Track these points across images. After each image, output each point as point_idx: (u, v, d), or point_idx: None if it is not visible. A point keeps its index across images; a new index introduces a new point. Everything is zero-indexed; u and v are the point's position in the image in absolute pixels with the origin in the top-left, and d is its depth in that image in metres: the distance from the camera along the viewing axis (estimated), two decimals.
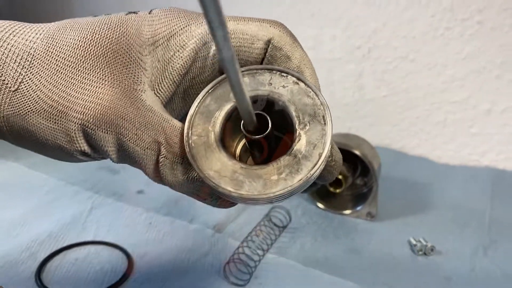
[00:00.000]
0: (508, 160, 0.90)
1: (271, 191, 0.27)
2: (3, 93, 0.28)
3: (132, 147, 0.29)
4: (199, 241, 0.63)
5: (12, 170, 0.82)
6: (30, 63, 0.29)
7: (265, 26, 0.32)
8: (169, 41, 0.31)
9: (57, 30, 0.30)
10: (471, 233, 0.70)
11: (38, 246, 0.60)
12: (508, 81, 0.85)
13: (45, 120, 0.29)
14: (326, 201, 0.75)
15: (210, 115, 0.30)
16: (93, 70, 0.29)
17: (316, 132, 0.29)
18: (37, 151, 0.32)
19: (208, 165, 0.28)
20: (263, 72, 0.31)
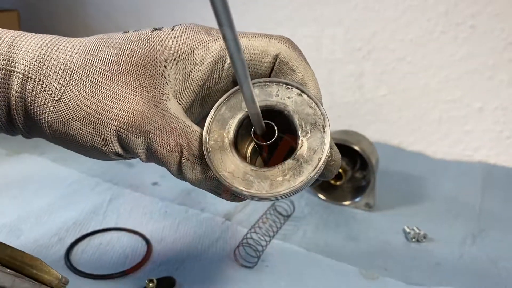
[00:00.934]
0: (499, 155, 0.93)
1: (277, 190, 0.31)
2: (47, 101, 0.33)
3: (159, 149, 0.33)
4: (210, 228, 0.68)
5: (37, 164, 0.86)
6: (71, 76, 0.33)
7: (274, 42, 0.35)
8: (190, 55, 0.34)
9: (92, 46, 0.34)
10: (462, 223, 0.73)
11: (65, 232, 0.65)
12: (499, 81, 0.89)
13: (84, 126, 0.33)
14: (327, 192, 0.79)
15: (225, 122, 0.33)
16: (125, 82, 0.33)
17: (316, 139, 0.32)
18: (76, 151, 0.36)
19: (223, 166, 0.32)
20: (271, 84, 0.34)
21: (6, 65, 0.32)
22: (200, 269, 0.59)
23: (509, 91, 0.89)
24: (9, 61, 0.32)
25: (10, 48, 0.33)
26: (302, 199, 0.78)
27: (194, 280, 0.57)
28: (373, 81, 0.99)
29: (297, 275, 0.59)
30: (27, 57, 0.33)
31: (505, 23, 0.84)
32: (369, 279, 0.59)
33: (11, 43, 0.33)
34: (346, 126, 0.99)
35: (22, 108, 0.33)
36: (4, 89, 0.33)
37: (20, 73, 0.32)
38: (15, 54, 0.33)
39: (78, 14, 1.34)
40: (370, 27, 0.95)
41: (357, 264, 0.62)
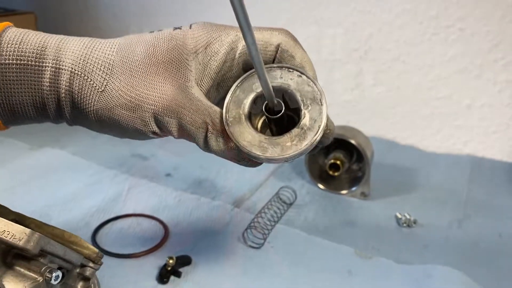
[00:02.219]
0: (486, 149, 0.98)
1: (287, 153, 0.38)
2: (93, 93, 0.39)
3: (189, 127, 0.39)
4: (221, 214, 0.74)
5: (59, 157, 0.92)
6: (111, 71, 0.39)
7: (275, 33, 0.41)
8: (206, 49, 0.41)
9: (126, 45, 0.40)
10: (449, 210, 0.78)
11: (90, 217, 0.71)
12: (486, 80, 0.93)
13: (126, 111, 0.39)
14: (326, 182, 0.84)
15: (240, 102, 0.40)
16: (156, 73, 0.39)
17: (316, 111, 0.39)
18: (116, 133, 0.42)
19: (242, 137, 0.39)
20: (275, 69, 0.41)
21: (55, 64, 0.38)
22: (213, 249, 0.65)
23: (495, 89, 0.93)
24: (58, 61, 0.38)
25: (57, 50, 0.39)
26: (303, 189, 0.83)
27: (208, 258, 0.63)
28: (370, 80, 1.04)
29: (299, 255, 0.65)
30: (72, 57, 0.39)
31: (490, 26, 0.88)
32: (363, 258, 0.65)
33: (57, 46, 0.39)
34: (344, 122, 1.04)
35: (70, 100, 0.39)
36: (55, 85, 0.39)
37: (67, 70, 0.38)
38: (62, 55, 0.39)
39: (89, 16, 1.39)
40: (366, 29, 1.00)
41: (353, 246, 0.67)
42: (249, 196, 0.80)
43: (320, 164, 0.86)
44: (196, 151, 0.95)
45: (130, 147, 0.97)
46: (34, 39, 0.39)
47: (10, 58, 0.38)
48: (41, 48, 0.39)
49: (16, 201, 0.75)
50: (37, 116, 0.41)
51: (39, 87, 0.39)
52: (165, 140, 1.00)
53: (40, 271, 0.38)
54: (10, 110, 0.40)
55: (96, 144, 0.98)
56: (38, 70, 0.38)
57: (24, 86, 0.39)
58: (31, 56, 0.38)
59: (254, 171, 0.89)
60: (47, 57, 0.38)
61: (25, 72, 0.38)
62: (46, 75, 0.38)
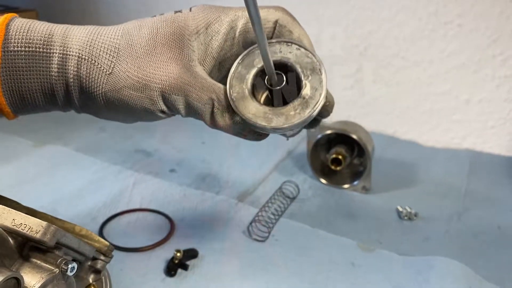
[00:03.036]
0: (485, 143, 0.99)
1: (291, 121, 0.39)
2: (101, 76, 0.40)
3: (195, 104, 0.41)
4: (225, 209, 0.75)
5: (62, 154, 0.92)
6: (117, 54, 0.40)
7: (272, 10, 0.43)
8: (207, 29, 0.42)
9: (130, 29, 0.41)
10: (449, 203, 0.79)
11: (96, 212, 0.72)
12: (484, 75, 0.94)
13: (134, 91, 0.40)
14: (328, 177, 0.85)
15: (243, 78, 0.41)
16: (161, 54, 0.40)
17: (316, 80, 0.40)
18: (125, 115, 0.43)
19: (247, 110, 0.40)
20: (274, 43, 0.42)
21: (62, 50, 0.39)
22: (219, 242, 0.66)
23: (493, 85, 0.94)
24: (65, 47, 0.40)
25: (64, 37, 0.40)
26: (306, 184, 0.84)
27: (214, 251, 0.64)
28: (370, 76, 1.05)
29: (303, 248, 0.66)
30: (79, 42, 0.40)
31: (489, 22, 0.90)
32: (366, 251, 0.66)
33: (63, 33, 0.40)
34: (345, 117, 1.04)
35: (78, 85, 0.40)
36: (63, 70, 0.40)
37: (75, 56, 0.40)
38: (69, 42, 0.40)
39: (91, 12, 1.40)
40: (366, 25, 1.01)
41: (355, 238, 0.68)
42: (252, 191, 0.81)
43: (322, 159, 0.87)
44: (199, 146, 0.98)
45: (133, 143, 0.98)
46: (40, 28, 0.40)
47: (19, 46, 0.39)
48: (48, 35, 0.40)
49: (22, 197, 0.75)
50: (46, 103, 0.42)
51: (47, 73, 0.40)
52: (168, 135, 1.02)
53: (56, 262, 0.39)
54: (19, 97, 0.41)
55: (100, 141, 0.99)
56: (46, 56, 0.39)
57: (33, 72, 0.40)
58: (39, 43, 0.39)
59: (257, 166, 0.90)
60: (54, 44, 0.39)
61: (33, 59, 0.39)
62: (54, 61, 0.39)
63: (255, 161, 0.92)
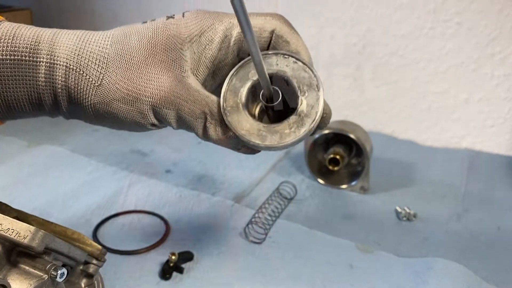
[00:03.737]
0: (483, 142, 0.98)
1: (286, 140, 0.38)
2: (89, 87, 0.38)
3: (187, 117, 0.39)
4: (221, 210, 0.74)
5: (58, 154, 0.91)
6: (107, 64, 0.38)
7: (269, 19, 0.41)
8: (201, 37, 0.40)
9: (120, 37, 0.40)
10: (448, 203, 0.78)
11: (90, 214, 0.71)
12: (483, 74, 0.93)
13: (124, 104, 0.39)
14: (326, 177, 0.84)
15: (237, 91, 0.40)
16: (152, 65, 0.39)
17: (313, 97, 0.39)
18: (114, 126, 0.42)
19: (240, 126, 0.39)
20: (271, 55, 0.41)
21: (50, 58, 0.38)
22: (215, 245, 0.65)
23: (492, 83, 0.93)
24: (52, 56, 0.38)
25: (51, 44, 0.38)
26: (303, 184, 0.83)
27: (210, 254, 0.63)
28: (368, 74, 1.04)
29: (301, 249, 0.65)
30: (66, 51, 0.38)
31: (487, 20, 0.89)
32: (364, 252, 0.65)
33: (51, 40, 0.38)
34: (342, 116, 1.04)
35: (66, 95, 0.39)
36: (50, 80, 0.38)
37: (62, 65, 0.38)
38: (56, 50, 0.38)
39: (86, 12, 1.39)
40: (364, 23, 1.00)
41: (354, 240, 0.67)
42: (249, 192, 0.80)
43: (320, 159, 0.86)
44: (195, 146, 0.97)
45: (129, 143, 0.97)
46: (27, 34, 0.38)
47: (4, 54, 0.37)
48: (34, 42, 0.38)
49: (16, 198, 0.76)
50: (33, 110, 0.41)
51: (34, 82, 0.38)
52: (164, 136, 1.01)
53: (45, 268, 0.38)
54: (5, 105, 0.39)
55: (95, 141, 0.98)
56: (32, 65, 0.38)
57: (19, 81, 0.38)
58: (25, 51, 0.38)
59: (254, 166, 0.89)
60: (41, 52, 0.38)
61: (19, 68, 0.38)
62: (41, 70, 0.38)
63: (252, 161, 0.91)
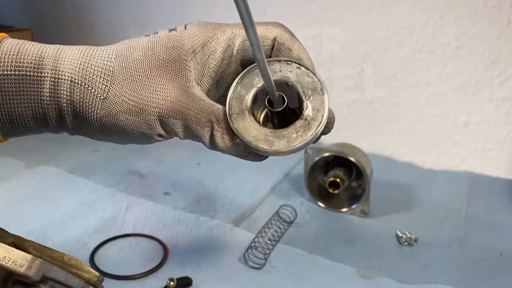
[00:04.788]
0: (483, 165, 0.98)
1: (293, 144, 0.38)
2: (95, 101, 0.38)
3: (194, 127, 0.39)
4: (220, 234, 0.73)
5: (55, 175, 0.91)
6: (112, 77, 0.39)
7: (270, 27, 0.42)
8: (204, 48, 0.41)
9: (124, 50, 0.40)
10: (449, 227, 0.78)
11: (87, 237, 0.70)
12: (482, 98, 0.93)
13: (130, 116, 0.39)
14: (326, 200, 0.83)
15: (242, 98, 0.40)
16: (157, 76, 0.39)
17: (318, 100, 0.39)
18: (120, 141, 0.42)
19: (247, 133, 0.39)
20: (274, 62, 0.41)
21: (54, 73, 0.38)
22: (214, 270, 0.64)
23: (491, 107, 0.94)
24: (56, 71, 0.38)
25: (55, 59, 0.38)
26: (303, 207, 0.83)
27: (209, 280, 0.62)
28: (367, 96, 1.04)
29: (301, 275, 0.64)
30: (71, 65, 0.38)
31: (486, 44, 0.89)
32: (366, 278, 0.64)
33: (55, 55, 0.38)
34: (342, 138, 1.03)
35: (71, 110, 0.38)
36: (55, 95, 0.38)
37: (67, 80, 0.38)
38: (60, 64, 0.38)
39: (86, 31, 1.39)
40: (363, 46, 1.00)
41: (355, 265, 0.67)
42: (248, 215, 0.80)
43: (320, 181, 0.85)
44: (194, 167, 0.96)
45: (127, 164, 0.96)
46: (31, 49, 0.38)
47: (9, 69, 0.37)
48: (39, 58, 0.38)
49: (12, 220, 0.75)
50: (37, 127, 0.40)
51: (39, 97, 0.38)
52: (162, 156, 1.00)
53: None
54: (9, 121, 0.39)
55: (93, 162, 0.97)
56: (37, 80, 0.38)
57: (23, 97, 0.38)
58: (29, 67, 0.38)
59: (253, 188, 0.89)
60: (45, 67, 0.38)
61: (24, 83, 0.38)
62: (46, 85, 0.38)
63: (251, 183, 0.90)
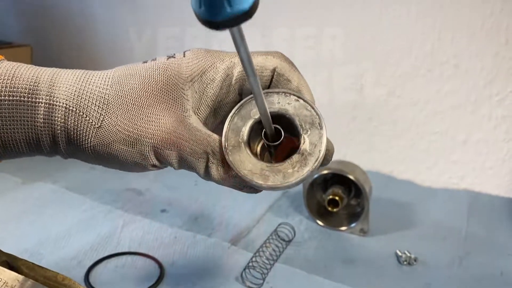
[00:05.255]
0: (483, 184, 0.97)
1: (289, 180, 0.37)
2: (89, 129, 0.38)
3: (189, 158, 0.39)
4: (218, 253, 0.72)
5: (51, 192, 0.90)
6: (107, 105, 0.38)
7: (270, 58, 0.41)
8: (202, 77, 0.40)
9: (121, 77, 0.39)
10: (449, 246, 0.77)
11: (83, 255, 0.69)
12: (481, 116, 0.93)
13: (124, 146, 0.38)
14: (325, 219, 0.83)
15: (239, 130, 0.40)
16: (153, 106, 0.39)
17: (315, 135, 0.39)
18: (115, 167, 0.41)
19: (243, 166, 0.38)
20: (272, 94, 0.40)
21: (49, 99, 0.37)
22: None
23: (490, 125, 0.93)
24: (51, 97, 0.37)
25: (50, 85, 0.38)
26: (302, 225, 0.82)
27: None
28: (366, 113, 1.04)
29: None
30: (66, 92, 0.38)
31: (484, 62, 0.90)
32: None
33: (50, 80, 0.38)
34: (340, 156, 1.04)
35: (65, 136, 0.38)
36: (49, 121, 0.37)
37: (62, 106, 0.37)
38: (55, 90, 0.37)
39: (86, 49, 1.40)
40: (362, 63, 1.00)
41: (354, 285, 0.66)
42: (246, 233, 0.79)
43: (318, 199, 0.85)
44: (191, 185, 0.95)
45: (124, 181, 0.96)
46: (26, 74, 0.38)
47: (3, 94, 0.37)
48: (33, 83, 0.37)
49: (7, 237, 0.74)
50: (30, 151, 0.40)
51: (32, 123, 0.38)
52: (160, 173, 0.99)
53: None
54: (2, 146, 0.38)
55: (90, 179, 0.97)
56: (31, 106, 0.37)
57: (17, 122, 0.37)
58: (24, 92, 0.37)
59: (251, 206, 0.88)
60: (40, 93, 0.37)
61: (18, 108, 0.37)
62: (40, 111, 0.37)
63: (249, 201, 0.89)
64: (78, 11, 1.38)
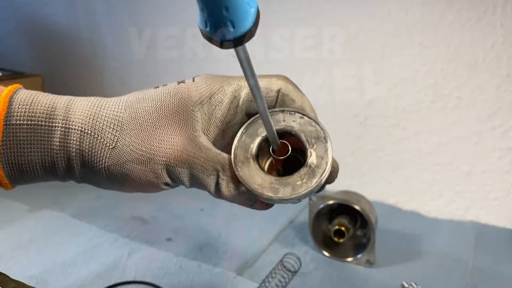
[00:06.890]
0: (489, 215, 0.97)
1: (298, 191, 0.38)
2: (103, 150, 0.39)
3: (200, 175, 0.40)
4: (223, 283, 0.72)
5: (58, 219, 0.91)
6: (121, 127, 0.40)
7: (274, 80, 0.44)
8: (211, 99, 0.43)
9: (134, 102, 0.42)
10: (456, 279, 0.77)
11: (89, 284, 0.69)
12: (485, 147, 0.94)
13: (138, 165, 0.40)
14: (331, 249, 0.83)
15: (247, 147, 0.42)
16: (165, 127, 0.41)
17: (321, 148, 0.40)
18: (126, 189, 0.42)
19: (252, 180, 0.40)
20: (278, 113, 0.43)
21: (65, 123, 0.39)
22: None
23: (494, 156, 0.94)
24: (67, 121, 0.39)
25: (66, 110, 0.40)
26: (308, 256, 0.82)
27: None
28: (370, 144, 1.05)
29: None
30: (82, 116, 0.40)
31: (487, 95, 0.91)
32: None
33: (66, 106, 0.40)
34: (345, 186, 1.03)
35: (80, 159, 0.40)
36: (65, 144, 0.39)
37: (77, 130, 0.39)
38: (71, 115, 0.40)
39: (95, 79, 1.43)
40: (366, 96, 1.02)
41: None
42: (252, 263, 0.78)
43: (324, 229, 0.85)
44: (197, 213, 0.95)
45: (130, 209, 0.96)
46: (44, 100, 0.40)
47: (21, 119, 0.39)
48: (51, 108, 0.39)
49: (14, 265, 0.74)
50: (45, 175, 0.41)
51: (49, 146, 0.39)
52: (166, 201, 1.00)
53: None
54: (18, 169, 0.40)
55: (96, 207, 0.97)
56: (48, 130, 0.39)
57: (34, 146, 0.39)
58: (41, 117, 0.39)
59: (257, 235, 0.88)
60: (57, 117, 0.39)
61: (35, 132, 0.39)
62: (56, 135, 0.39)
63: (255, 230, 0.89)
64: (87, 40, 1.41)
